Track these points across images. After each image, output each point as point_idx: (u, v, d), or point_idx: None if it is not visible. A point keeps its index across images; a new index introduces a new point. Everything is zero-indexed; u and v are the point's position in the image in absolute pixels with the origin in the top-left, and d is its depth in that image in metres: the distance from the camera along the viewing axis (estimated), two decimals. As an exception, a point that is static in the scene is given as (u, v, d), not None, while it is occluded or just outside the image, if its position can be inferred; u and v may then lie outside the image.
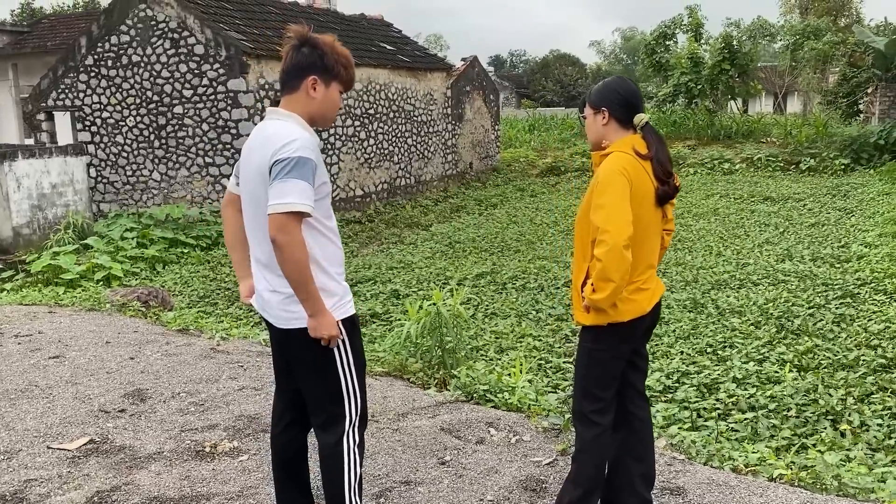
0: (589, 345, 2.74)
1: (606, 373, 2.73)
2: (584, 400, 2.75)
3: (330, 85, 2.62)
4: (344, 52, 2.66)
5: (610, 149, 2.71)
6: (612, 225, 2.51)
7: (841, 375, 5.79)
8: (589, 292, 2.59)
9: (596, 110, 2.78)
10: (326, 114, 2.66)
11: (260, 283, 2.68)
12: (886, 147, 18.71)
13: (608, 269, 2.51)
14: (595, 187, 2.62)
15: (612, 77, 2.87)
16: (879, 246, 10.35)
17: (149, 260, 10.53)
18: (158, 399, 4.25)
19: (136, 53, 13.50)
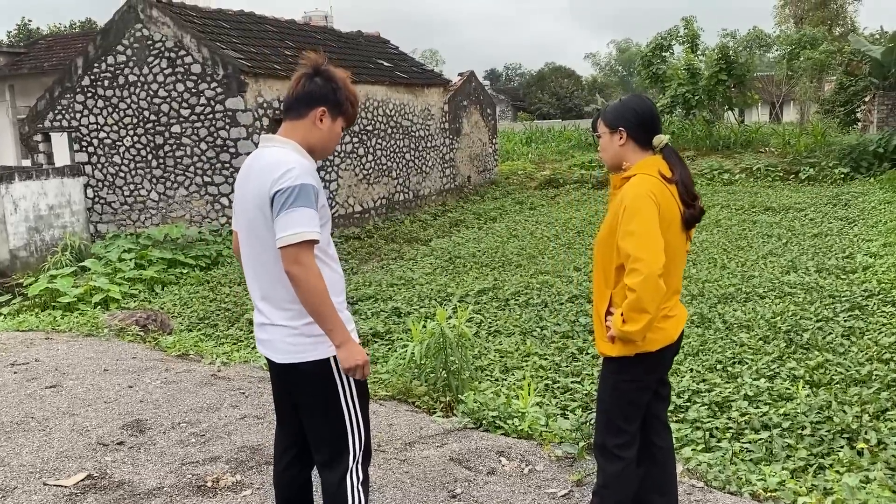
0: (614, 376, 2.63)
1: (632, 405, 2.62)
2: (607, 433, 2.64)
3: (336, 119, 2.60)
4: (354, 90, 2.66)
5: (633, 170, 2.61)
6: (645, 253, 2.40)
7: (854, 391, 5.68)
8: (618, 323, 2.48)
9: (612, 130, 2.67)
10: (327, 146, 2.63)
11: (259, 318, 2.59)
12: (886, 155, 18.67)
13: (643, 300, 2.39)
14: (622, 212, 2.50)
15: (629, 95, 2.77)
16: (885, 256, 10.26)
17: (147, 281, 10.41)
18: (158, 430, 4.13)
19: (133, 73, 13.45)
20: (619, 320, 2.48)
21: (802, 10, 34.02)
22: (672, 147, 2.65)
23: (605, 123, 2.69)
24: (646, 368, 2.59)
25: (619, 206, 2.53)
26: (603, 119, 2.70)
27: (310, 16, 19.83)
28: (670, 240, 2.51)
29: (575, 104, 57.99)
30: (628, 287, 2.42)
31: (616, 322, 2.49)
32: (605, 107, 2.75)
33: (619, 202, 2.54)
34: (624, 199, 2.51)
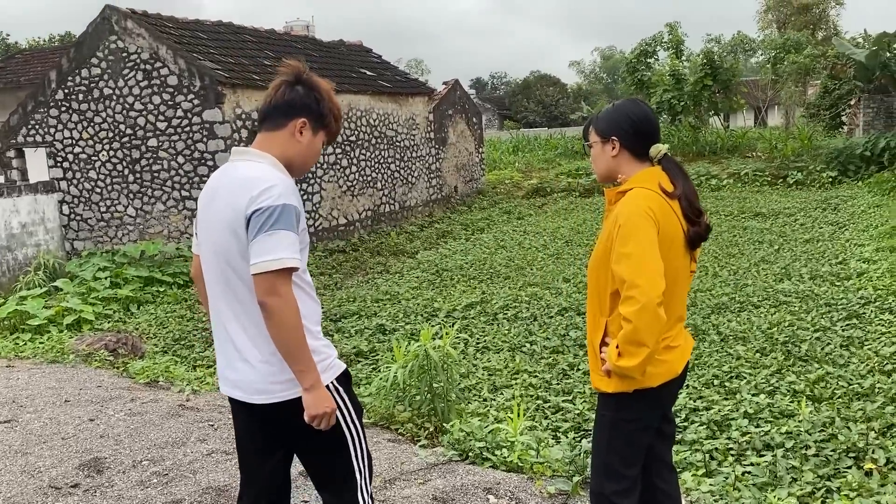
0: (611, 414, 2.33)
1: (632, 446, 2.33)
2: (605, 479, 2.35)
3: (318, 133, 2.36)
4: (338, 102, 2.40)
5: (629, 184, 2.32)
6: (641, 278, 2.12)
7: (858, 406, 5.43)
8: (613, 357, 2.19)
9: (604, 139, 2.38)
10: (307, 161, 2.38)
11: (228, 354, 2.33)
12: (873, 158, 18.59)
13: (640, 332, 2.11)
14: (617, 232, 2.21)
15: (623, 100, 2.47)
16: (878, 261, 10.07)
17: (122, 301, 10.06)
18: (117, 469, 3.81)
19: (108, 86, 13.11)
20: (615, 353, 2.20)
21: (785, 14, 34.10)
22: (672, 157, 2.36)
23: (596, 132, 2.41)
24: (646, 405, 2.31)
25: (613, 225, 2.25)
26: (594, 127, 2.42)
27: (291, 25, 19.55)
28: (672, 261, 2.22)
29: (561, 112, 58.00)
30: (623, 317, 2.15)
31: (611, 355, 2.22)
32: (597, 113, 2.46)
33: (614, 220, 2.26)
34: (619, 217, 2.23)
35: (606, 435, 2.35)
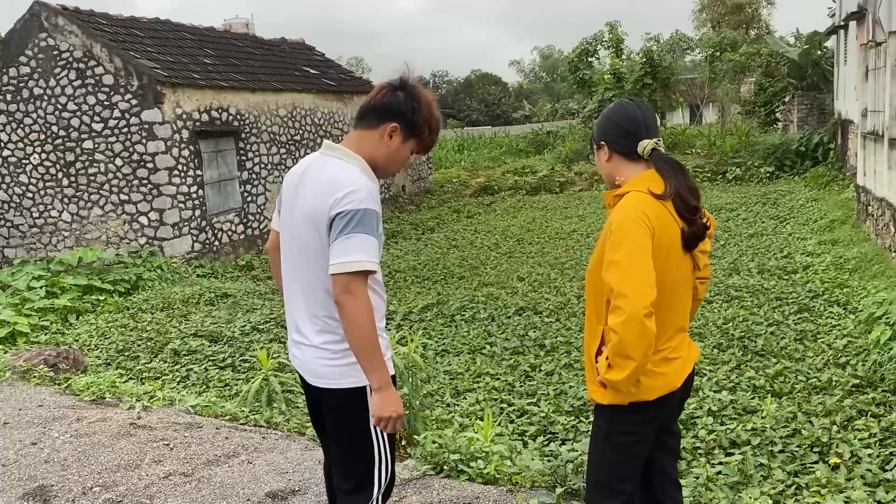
0: (604, 426, 2.24)
1: (627, 461, 2.23)
2: (598, 495, 2.25)
3: (408, 141, 2.40)
4: (438, 116, 2.42)
5: (626, 187, 2.23)
6: (629, 288, 2.01)
7: (817, 400, 5.50)
8: (604, 367, 2.10)
9: (598, 146, 2.34)
10: (390, 166, 2.45)
11: (295, 335, 2.44)
12: (808, 154, 19.16)
13: (626, 345, 2.01)
14: (609, 238, 2.12)
15: (611, 104, 2.41)
16: (822, 254, 10.33)
17: (60, 311, 9.57)
18: (65, 498, 3.54)
19: (39, 86, 12.50)
20: (605, 365, 2.10)
21: (719, 13, 34.97)
22: (663, 153, 2.26)
23: (593, 139, 2.39)
24: (642, 418, 2.21)
25: (607, 230, 2.16)
26: (592, 135, 2.41)
27: (230, 23, 19.04)
28: (670, 269, 2.13)
29: (503, 111, 58.31)
30: (610, 328, 2.05)
31: (602, 367, 2.12)
32: None
33: (608, 225, 2.17)
34: (612, 223, 2.14)
35: (601, 448, 2.26)
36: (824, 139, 18.93)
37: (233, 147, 13.76)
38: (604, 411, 2.23)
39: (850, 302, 7.77)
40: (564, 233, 14.07)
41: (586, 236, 13.39)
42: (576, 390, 6.02)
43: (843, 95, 17.59)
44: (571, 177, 21.91)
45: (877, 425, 4.92)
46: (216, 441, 4.20)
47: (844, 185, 15.42)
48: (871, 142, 10.99)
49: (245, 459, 3.91)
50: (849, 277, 8.77)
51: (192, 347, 7.78)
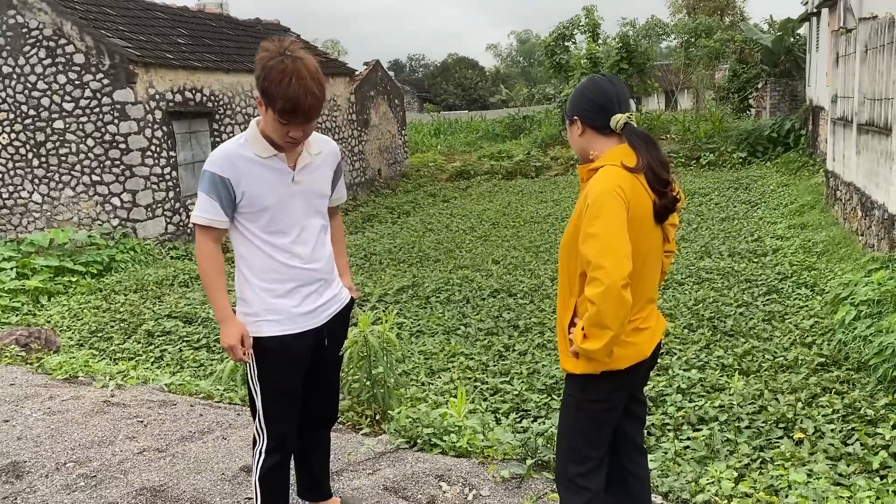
0: (577, 395, 2.29)
1: (598, 428, 2.29)
2: (569, 461, 2.29)
3: (269, 110, 2.37)
4: (280, 79, 2.30)
5: (599, 161, 2.26)
6: (606, 259, 2.06)
7: (784, 378, 5.64)
8: (579, 338, 2.14)
9: (571, 121, 2.35)
10: (274, 137, 2.44)
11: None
12: (779, 140, 19.40)
13: (604, 315, 2.06)
14: (585, 211, 2.15)
15: (583, 79, 2.42)
16: (791, 238, 10.51)
17: (31, 292, 9.47)
18: (39, 473, 3.54)
19: (7, 64, 12.26)
20: (580, 335, 2.15)
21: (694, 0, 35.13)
22: (635, 127, 2.29)
23: (565, 115, 2.41)
24: (613, 387, 2.27)
25: (582, 204, 2.19)
26: (564, 111, 2.42)
27: (203, 3, 18.78)
28: (643, 241, 2.18)
29: (480, 95, 58.20)
30: (588, 298, 2.09)
31: (577, 337, 2.17)
32: None
33: (583, 199, 2.20)
34: (588, 196, 2.17)
35: (573, 416, 2.31)
36: (796, 125, 19.18)
37: (207, 128, 13.62)
38: (576, 380, 2.28)
39: (817, 284, 7.93)
40: (539, 217, 14.16)
41: (561, 220, 13.48)
42: (548, 369, 6.10)
43: (815, 82, 17.82)
44: (547, 161, 22.01)
45: (840, 402, 5.06)
46: (190, 418, 4.21)
47: (814, 171, 15.67)
48: (840, 127, 11.17)
49: (220, 435, 3.93)
50: (816, 260, 8.95)
51: (166, 328, 7.76)
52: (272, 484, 2.62)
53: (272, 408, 2.58)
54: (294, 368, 2.59)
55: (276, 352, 2.54)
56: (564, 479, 2.31)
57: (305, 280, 2.56)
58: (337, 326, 2.70)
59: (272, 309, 2.52)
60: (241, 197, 2.45)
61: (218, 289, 2.51)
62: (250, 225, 2.50)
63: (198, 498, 3.22)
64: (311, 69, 2.35)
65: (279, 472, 2.64)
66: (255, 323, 2.53)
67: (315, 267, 2.59)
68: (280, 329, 2.52)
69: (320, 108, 2.42)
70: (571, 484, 2.29)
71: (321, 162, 2.63)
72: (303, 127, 2.41)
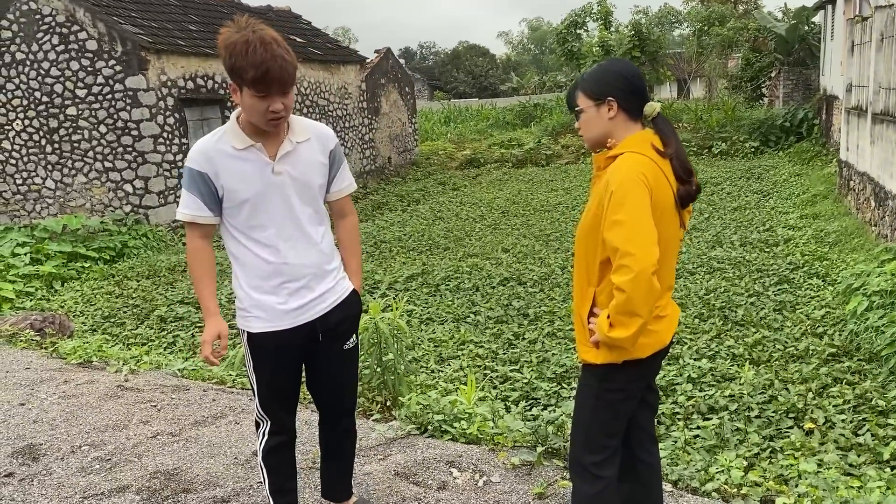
0: (596, 384, 2.26)
1: (616, 417, 2.28)
2: (585, 450, 2.28)
3: (242, 90, 2.30)
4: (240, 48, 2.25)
5: (620, 148, 2.21)
6: (636, 247, 2.03)
7: (794, 368, 5.63)
8: (604, 328, 2.11)
9: (598, 101, 2.23)
10: (252, 119, 2.36)
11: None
12: (792, 129, 19.26)
13: (634, 302, 2.03)
14: (609, 199, 2.11)
15: (609, 60, 2.34)
16: (803, 228, 10.46)
17: (45, 278, 9.55)
18: (55, 456, 3.59)
19: (21, 51, 12.32)
20: (606, 324, 2.12)
21: (708, -13, 34.73)
22: (664, 117, 2.25)
23: (587, 95, 2.24)
24: (633, 376, 2.25)
25: (603, 192, 2.15)
26: (584, 90, 2.26)
27: (215, -10, 18.74)
28: (664, 229, 2.15)
29: (490, 83, 58.01)
30: (616, 286, 2.06)
31: (602, 326, 2.14)
32: (581, 76, 2.32)
33: (604, 187, 2.15)
34: (610, 184, 2.12)
35: (591, 405, 2.28)
36: (809, 115, 19.03)
37: (218, 115, 13.65)
38: (596, 370, 2.25)
39: (829, 274, 7.90)
40: (550, 205, 14.14)
41: (571, 209, 13.46)
42: (558, 358, 6.12)
43: (829, 71, 17.65)
44: (558, 150, 21.93)
45: (851, 392, 5.05)
46: (203, 403, 4.25)
47: (827, 161, 15.55)
48: (854, 117, 11.08)
49: (232, 420, 3.97)
50: (829, 250, 8.91)
51: (178, 314, 7.81)
52: (276, 464, 2.63)
53: (268, 397, 2.58)
54: (284, 363, 2.55)
55: (264, 347, 2.51)
56: (579, 468, 2.30)
57: (291, 276, 2.48)
58: (333, 320, 2.57)
59: (258, 305, 2.48)
60: (222, 191, 2.40)
61: (203, 285, 2.50)
62: (233, 220, 2.45)
63: (211, 481, 3.26)
64: (276, 37, 2.30)
65: (283, 453, 2.64)
66: (246, 318, 2.51)
67: (301, 262, 2.49)
68: (267, 325, 2.48)
69: (293, 75, 2.32)
70: (586, 472, 2.28)
71: (309, 150, 2.50)
72: (281, 99, 2.31)
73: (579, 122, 2.31)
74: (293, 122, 2.49)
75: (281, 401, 2.61)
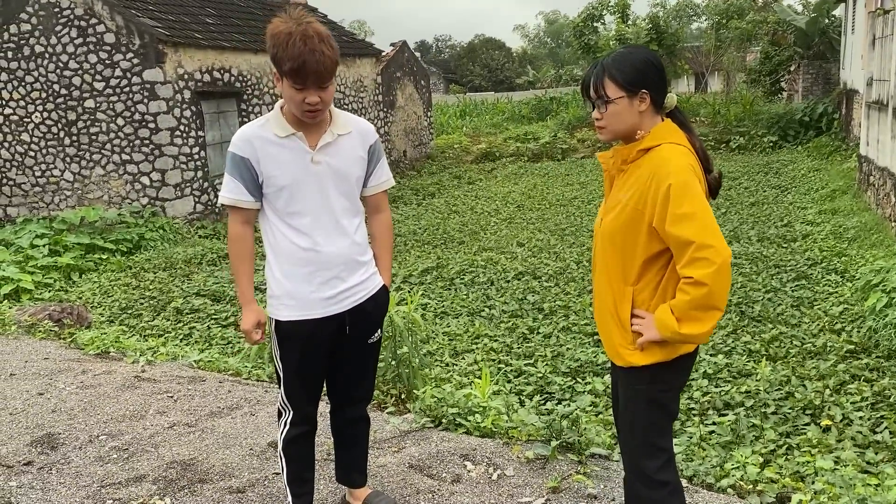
0: (645, 387, 2.17)
1: (670, 416, 2.21)
2: (646, 459, 2.19)
3: (283, 79, 2.35)
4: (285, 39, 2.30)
5: (652, 139, 2.12)
6: (714, 238, 1.96)
7: (811, 364, 5.58)
8: (671, 324, 2.02)
9: (632, 93, 2.11)
10: (293, 109, 2.41)
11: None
12: (811, 123, 19.06)
13: (715, 295, 1.97)
14: (666, 192, 2.02)
15: (633, 47, 2.19)
16: (821, 223, 10.36)
17: (63, 269, 9.65)
18: (73, 445, 3.63)
19: (40, 44, 12.42)
20: (672, 320, 2.03)
21: (727, -20, 34.38)
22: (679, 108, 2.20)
23: (619, 85, 2.11)
24: (682, 370, 2.19)
25: (648, 185, 2.06)
26: (615, 79, 2.11)
27: (232, -17, 18.79)
28: None
29: (506, 76, 57.83)
30: (694, 280, 1.97)
31: (668, 322, 2.03)
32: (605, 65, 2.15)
33: (649, 179, 2.06)
34: (662, 177, 2.03)
35: (644, 410, 2.18)
36: (829, 109, 18.82)
37: (234, 108, 13.70)
38: (643, 373, 2.16)
39: (847, 270, 7.82)
40: (565, 199, 14.08)
41: (587, 203, 13.40)
42: (573, 352, 6.10)
43: (850, 64, 17.44)
44: (574, 144, 21.85)
45: (869, 390, 5.00)
46: (219, 394, 4.28)
47: (847, 155, 15.38)
48: (875, 111, 10.94)
49: (248, 412, 3.99)
50: (847, 246, 8.82)
51: (194, 306, 7.87)
52: (296, 453, 2.65)
53: (294, 386, 2.61)
54: (312, 352, 2.57)
55: (293, 335, 2.53)
56: (643, 478, 2.21)
57: (323, 264, 2.50)
58: (362, 314, 2.61)
59: (289, 293, 2.50)
60: (262, 177, 2.46)
61: (242, 273, 2.54)
62: (271, 206, 2.49)
63: (227, 472, 3.28)
64: (320, 31, 2.33)
65: (303, 443, 2.67)
66: (276, 305, 2.54)
67: (334, 252, 2.51)
68: (296, 314, 2.51)
69: (332, 70, 2.36)
70: (652, 481, 2.19)
71: (350, 143, 2.55)
72: (318, 92, 2.35)
73: (605, 112, 2.16)
74: (336, 115, 2.56)
75: (306, 390, 2.63)
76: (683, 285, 2.02)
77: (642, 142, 2.14)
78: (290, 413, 2.63)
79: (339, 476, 2.89)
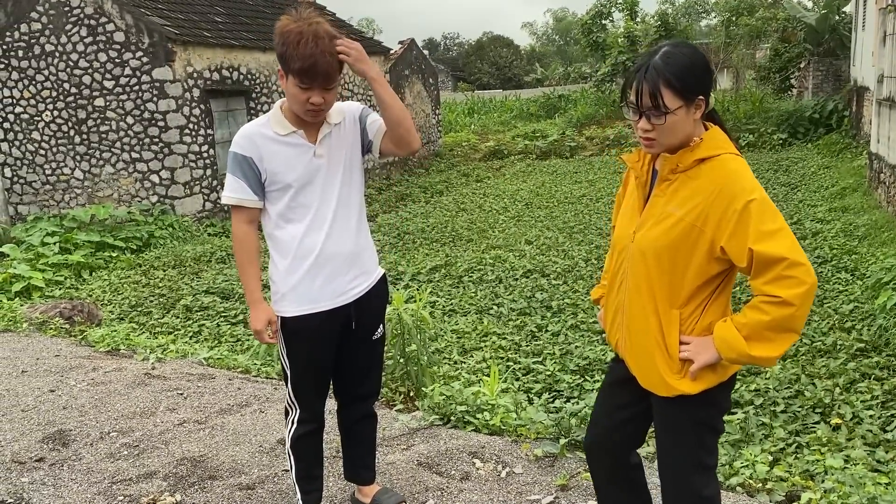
0: (696, 414, 2.04)
1: (718, 434, 2.13)
2: (696, 477, 2.07)
3: (287, 77, 2.37)
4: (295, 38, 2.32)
5: (713, 149, 1.94)
6: (803, 257, 1.85)
7: (821, 363, 5.56)
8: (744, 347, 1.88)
9: (689, 101, 1.91)
10: (294, 107, 2.43)
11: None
12: (821, 121, 18.96)
13: (798, 319, 1.85)
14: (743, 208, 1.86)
15: (679, 45, 1.97)
16: (831, 221, 10.31)
17: (73, 267, 9.70)
18: (84, 441, 3.66)
19: (50, 42, 12.48)
20: (740, 341, 1.88)
21: (737, -23, 34.22)
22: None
23: (678, 93, 1.89)
24: (728, 390, 2.09)
25: (711, 201, 1.89)
26: (672, 87, 1.89)
27: (241, -19, 18.84)
28: None
29: (514, 74, 57.73)
30: (782, 300, 1.83)
31: (737, 345, 1.88)
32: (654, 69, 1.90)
33: (715, 195, 1.89)
34: (735, 193, 1.87)
35: (692, 435, 2.05)
36: (839, 106, 18.71)
37: (244, 107, 13.74)
38: (692, 400, 2.00)
39: (858, 268, 7.78)
40: (574, 197, 14.06)
41: (595, 201, 13.38)
42: (581, 350, 6.10)
43: (860, 61, 17.33)
44: (582, 142, 21.80)
45: (879, 388, 4.98)
46: (229, 391, 4.30)
47: (857, 153, 15.29)
48: (886, 108, 10.87)
49: (257, 409, 4.01)
50: (858, 244, 8.77)
51: (203, 304, 7.90)
52: (304, 451, 2.67)
53: (301, 383, 2.62)
54: (319, 347, 2.59)
55: (300, 331, 2.55)
56: (696, 499, 2.08)
57: (328, 258, 2.53)
58: (367, 305, 2.63)
59: (294, 288, 2.52)
60: (265, 175, 2.47)
61: (249, 273, 2.54)
62: (275, 203, 2.51)
63: (236, 469, 3.30)
64: (330, 32, 2.36)
65: (311, 441, 2.69)
66: (280, 302, 2.55)
67: (338, 246, 2.54)
68: (302, 309, 2.52)
69: (340, 72, 2.40)
70: (700, 498, 2.08)
71: (344, 129, 2.57)
72: (323, 93, 2.37)
73: (662, 125, 1.93)
74: None
75: (314, 386, 2.65)
76: (763, 304, 1.86)
77: (698, 150, 1.96)
78: (298, 411, 2.64)
79: (348, 473, 2.91)
